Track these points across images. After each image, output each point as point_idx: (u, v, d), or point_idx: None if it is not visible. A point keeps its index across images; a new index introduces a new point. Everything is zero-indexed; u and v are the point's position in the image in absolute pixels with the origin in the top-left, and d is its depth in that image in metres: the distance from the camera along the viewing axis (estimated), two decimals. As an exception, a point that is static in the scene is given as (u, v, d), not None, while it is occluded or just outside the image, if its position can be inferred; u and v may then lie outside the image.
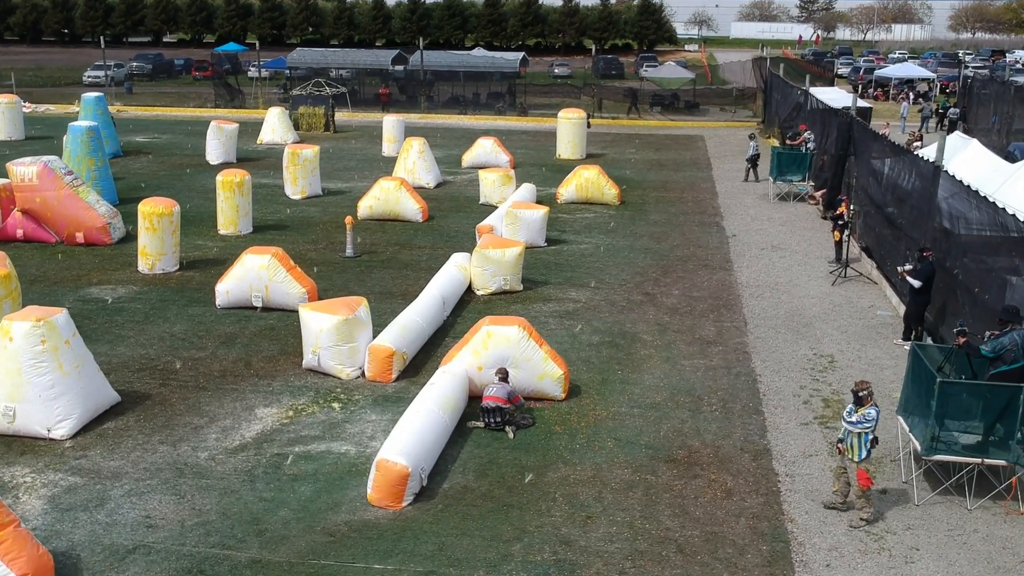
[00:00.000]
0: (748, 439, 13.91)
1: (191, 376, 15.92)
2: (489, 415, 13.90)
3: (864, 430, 11.51)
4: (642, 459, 13.23)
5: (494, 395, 14.06)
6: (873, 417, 11.51)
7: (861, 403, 11.58)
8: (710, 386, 15.73)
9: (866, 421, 11.51)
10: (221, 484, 12.42)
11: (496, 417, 13.87)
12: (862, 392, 11.62)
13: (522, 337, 14.78)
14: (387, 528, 11.45)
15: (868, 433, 11.49)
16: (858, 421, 11.53)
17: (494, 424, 13.87)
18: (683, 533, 11.43)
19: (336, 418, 14.44)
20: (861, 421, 11.51)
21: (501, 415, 13.88)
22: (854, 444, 11.63)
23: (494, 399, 14.02)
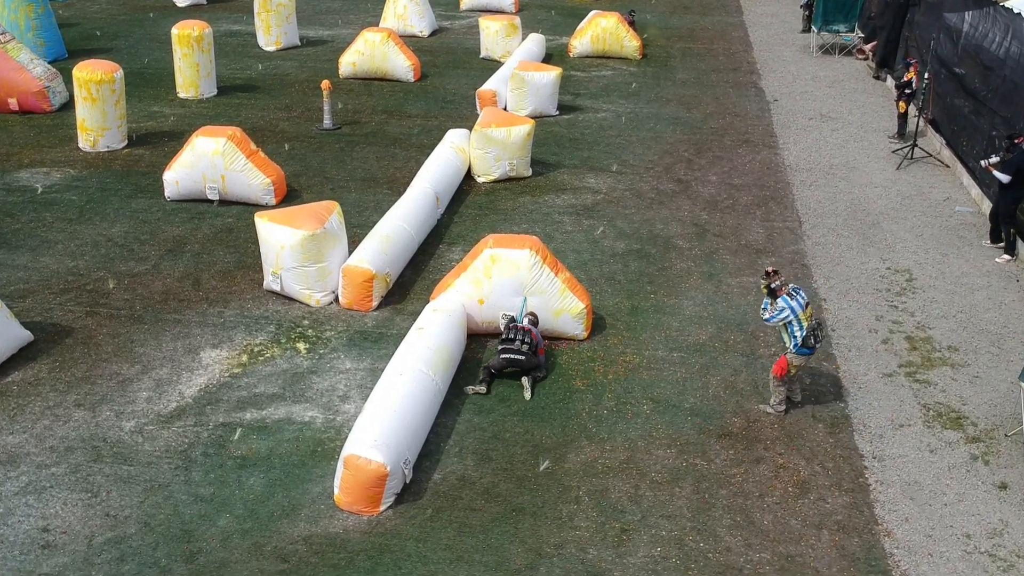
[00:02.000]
0: (820, 399, 11.00)
1: (126, 301, 12.88)
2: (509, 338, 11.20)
3: (782, 323, 10.37)
4: (688, 432, 10.36)
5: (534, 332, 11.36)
6: (783, 307, 10.28)
7: (774, 295, 10.37)
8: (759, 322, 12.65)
9: (777, 314, 10.32)
10: (147, 474, 9.60)
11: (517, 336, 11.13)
12: (774, 284, 10.38)
13: (534, 263, 11.65)
14: (358, 548, 8.69)
15: (793, 324, 10.30)
16: (769, 317, 10.43)
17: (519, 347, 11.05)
18: (749, 557, 8.67)
19: (300, 366, 11.49)
20: (773, 317, 10.37)
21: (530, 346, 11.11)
22: (783, 334, 10.54)
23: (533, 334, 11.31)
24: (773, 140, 19.92)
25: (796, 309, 10.28)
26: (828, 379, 11.39)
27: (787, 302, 10.29)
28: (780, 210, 16.32)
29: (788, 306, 10.27)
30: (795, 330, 10.31)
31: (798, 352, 10.40)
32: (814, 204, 16.65)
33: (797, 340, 10.34)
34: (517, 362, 10.92)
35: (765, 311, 10.46)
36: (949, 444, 10.28)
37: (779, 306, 10.30)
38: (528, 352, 10.96)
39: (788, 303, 10.28)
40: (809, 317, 10.39)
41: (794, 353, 10.42)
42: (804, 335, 10.32)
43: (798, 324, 10.28)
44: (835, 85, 24.27)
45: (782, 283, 10.39)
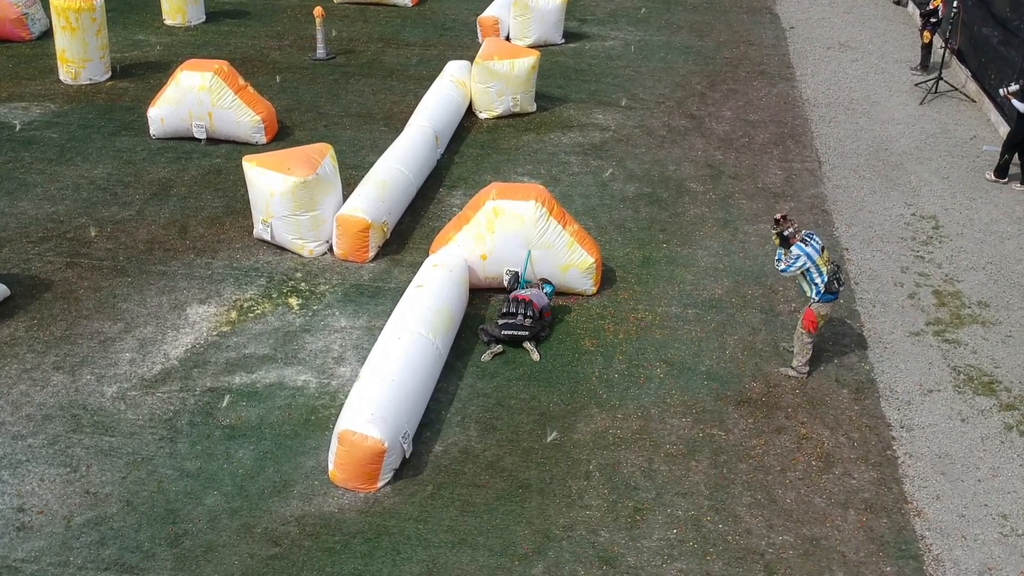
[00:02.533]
0: (843, 361, 10.37)
1: (108, 251, 12.17)
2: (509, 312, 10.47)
3: (800, 271, 9.70)
4: (704, 398, 9.76)
5: (522, 294, 10.64)
6: (798, 255, 9.60)
7: (787, 243, 9.70)
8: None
9: (793, 263, 9.65)
10: (130, 445, 9.02)
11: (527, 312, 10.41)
12: (787, 231, 9.68)
13: (540, 216, 10.89)
14: (354, 530, 8.15)
15: (812, 272, 9.66)
16: (785, 268, 9.74)
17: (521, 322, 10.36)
18: (771, 540, 8.13)
19: (293, 324, 10.84)
20: (789, 267, 9.70)
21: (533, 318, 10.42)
22: (803, 284, 9.85)
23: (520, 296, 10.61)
24: (790, 72, 18.94)
25: (812, 255, 9.61)
26: (852, 338, 10.74)
27: (802, 249, 9.61)
28: (798, 149, 15.47)
29: (804, 253, 9.59)
30: (815, 277, 9.67)
31: (822, 300, 9.75)
32: (834, 143, 15.79)
33: (819, 287, 9.69)
34: (521, 338, 10.30)
35: (780, 262, 9.76)
36: (982, 412, 9.68)
37: (794, 254, 9.62)
38: (531, 324, 10.33)
39: (803, 250, 9.60)
40: (827, 261, 9.74)
41: (819, 302, 9.77)
42: (826, 280, 9.68)
43: (817, 270, 9.63)
44: (853, 11, 23.12)
45: (795, 230, 9.69)
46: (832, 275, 9.74)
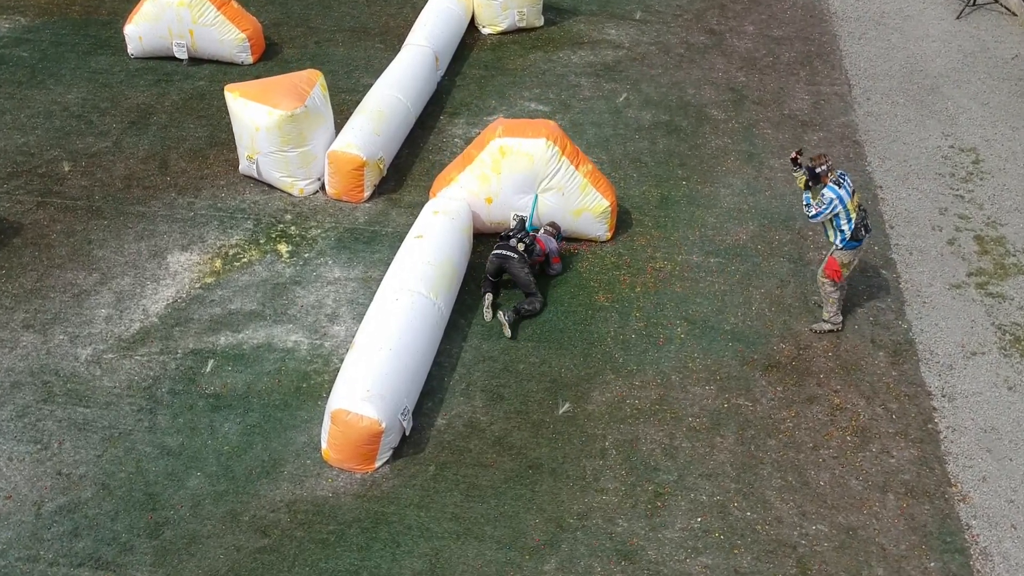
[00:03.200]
0: (878, 317, 9.56)
1: (83, 188, 11.24)
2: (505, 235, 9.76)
3: (831, 216, 8.83)
4: (729, 362, 8.99)
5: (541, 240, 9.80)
6: (831, 199, 8.72)
7: (817, 180, 8.82)
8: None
9: (826, 208, 8.77)
10: (106, 418, 8.30)
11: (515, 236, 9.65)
12: (819, 168, 8.82)
13: (552, 155, 9.92)
14: (350, 518, 7.49)
15: (840, 217, 8.81)
16: (817, 214, 8.83)
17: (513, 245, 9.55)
18: (804, 529, 7.47)
19: (282, 274, 10.00)
20: (821, 212, 8.80)
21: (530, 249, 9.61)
22: (827, 229, 9.01)
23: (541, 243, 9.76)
24: (816, -20, 17.53)
25: (844, 198, 8.77)
26: (888, 291, 9.90)
27: (835, 191, 8.73)
28: (827, 70, 14.32)
29: (836, 195, 8.73)
30: (842, 223, 8.84)
31: (846, 247, 8.95)
32: (864, 63, 14.62)
33: (845, 234, 8.88)
34: (507, 261, 9.38)
35: (809, 207, 8.85)
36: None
37: (827, 198, 8.74)
38: (522, 253, 9.45)
39: (836, 192, 8.73)
40: (856, 207, 8.89)
41: (842, 249, 8.97)
42: (853, 228, 8.86)
43: (846, 215, 8.80)
44: (885, -91, 21.42)
45: (828, 167, 8.78)
46: (860, 222, 8.91)
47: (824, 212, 8.79)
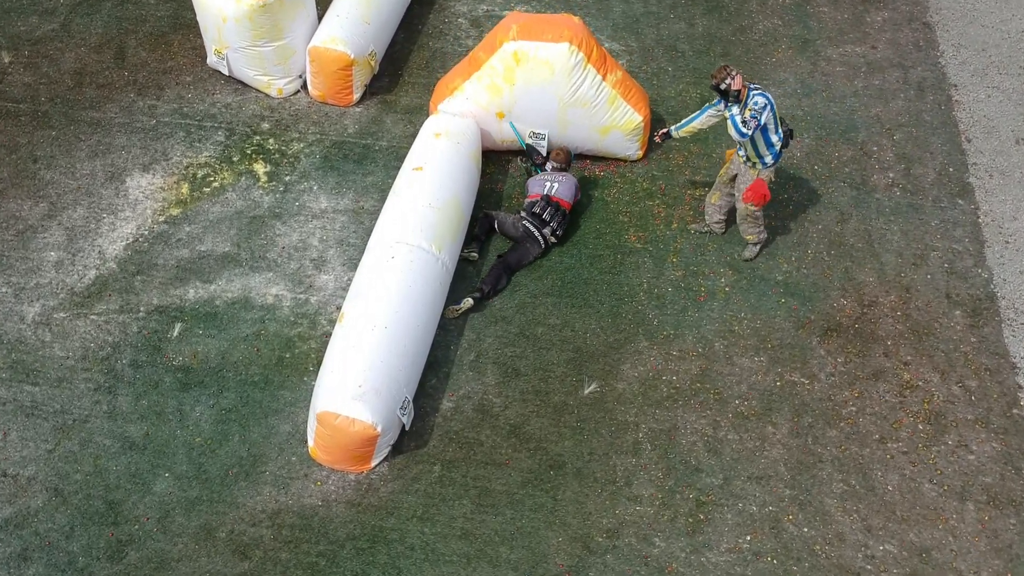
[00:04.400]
0: (954, 263, 8.21)
1: (27, 87, 9.61)
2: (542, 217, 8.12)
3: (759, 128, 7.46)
4: (782, 324, 7.72)
5: (559, 196, 8.21)
6: (764, 104, 7.37)
7: (737, 99, 7.39)
8: (877, 114, 9.47)
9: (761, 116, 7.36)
10: (58, 400, 7.14)
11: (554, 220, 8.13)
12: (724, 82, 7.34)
13: (576, 63, 8.26)
14: (343, 535, 6.45)
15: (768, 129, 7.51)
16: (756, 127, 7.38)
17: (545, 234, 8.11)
18: (868, 551, 6.44)
19: (260, 204, 8.58)
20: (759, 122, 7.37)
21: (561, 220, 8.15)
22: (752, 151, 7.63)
23: (560, 200, 8.20)
24: None
25: (774, 103, 7.44)
26: (965, 227, 8.49)
27: (765, 96, 7.39)
28: (893, -75, 12.18)
29: (768, 100, 7.39)
30: (771, 135, 7.53)
31: (775, 162, 7.71)
32: (938, -87, 12.45)
33: (775, 148, 7.61)
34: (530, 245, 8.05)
35: (743, 124, 7.34)
36: None
37: (759, 104, 7.35)
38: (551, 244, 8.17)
39: (766, 97, 7.39)
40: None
41: (770, 167, 7.72)
42: (783, 139, 7.61)
43: (775, 125, 7.51)
44: None
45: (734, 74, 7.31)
46: (788, 131, 7.67)
47: (760, 121, 7.37)
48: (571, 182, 8.27)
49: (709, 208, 8.18)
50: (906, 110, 9.52)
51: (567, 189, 8.19)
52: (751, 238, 8.08)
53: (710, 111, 7.78)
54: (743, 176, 7.80)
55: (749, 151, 7.63)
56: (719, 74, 7.35)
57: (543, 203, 8.07)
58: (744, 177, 7.78)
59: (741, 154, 7.74)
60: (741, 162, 7.78)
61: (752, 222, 7.98)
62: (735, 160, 7.87)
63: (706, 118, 7.83)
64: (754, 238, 8.09)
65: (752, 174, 7.72)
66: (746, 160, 7.70)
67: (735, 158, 7.87)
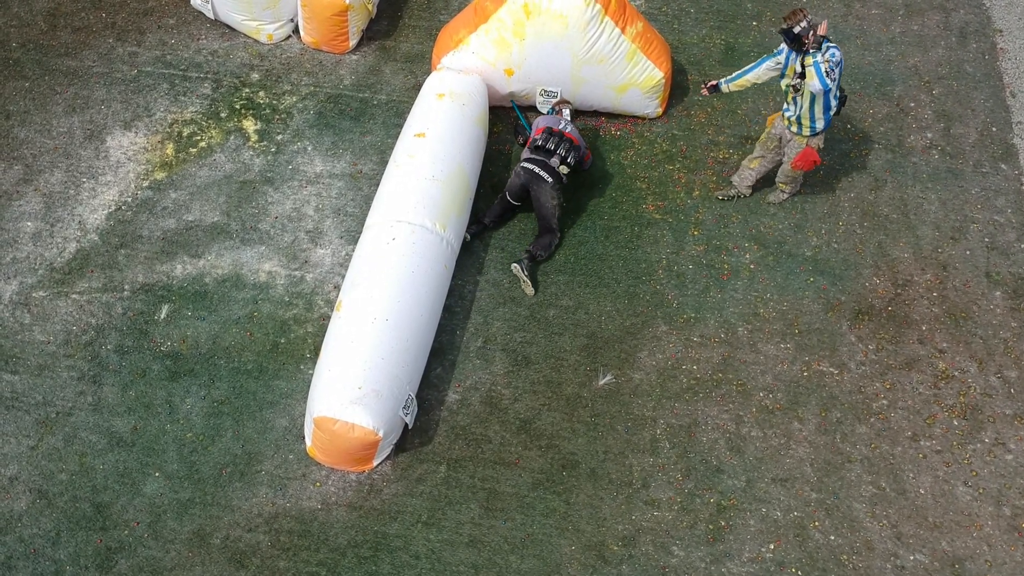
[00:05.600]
0: (995, 237, 7.67)
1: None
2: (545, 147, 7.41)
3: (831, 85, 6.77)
4: (810, 306, 7.24)
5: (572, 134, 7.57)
6: (840, 58, 6.74)
7: (800, 43, 6.70)
8: (915, 64, 8.78)
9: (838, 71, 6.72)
10: (39, 390, 6.72)
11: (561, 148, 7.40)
12: (799, 25, 6.65)
13: (592, 17, 7.56)
14: (344, 542, 6.11)
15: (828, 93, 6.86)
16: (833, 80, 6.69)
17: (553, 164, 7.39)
18: (899, 560, 6.11)
19: (251, 167, 8.00)
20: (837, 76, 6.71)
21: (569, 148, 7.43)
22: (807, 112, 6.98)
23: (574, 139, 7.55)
24: None
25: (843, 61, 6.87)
26: (1007, 197, 7.92)
27: (839, 52, 6.76)
28: None
29: (840, 59, 6.77)
30: (831, 99, 6.95)
31: (825, 128, 7.15)
32: None
33: (830, 114, 7.04)
34: (539, 184, 7.31)
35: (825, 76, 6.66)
36: None
37: (836, 58, 6.73)
38: (563, 176, 7.40)
39: (840, 53, 6.77)
40: None
41: (821, 135, 7.16)
42: (839, 103, 7.06)
43: (837, 86, 6.92)
44: None
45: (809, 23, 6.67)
46: (843, 95, 7.11)
47: (838, 76, 6.76)
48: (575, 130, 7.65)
49: (746, 172, 7.60)
50: (946, 60, 8.83)
51: (577, 133, 7.60)
52: (785, 187, 7.61)
53: (769, 62, 7.12)
54: (791, 143, 7.21)
55: (803, 113, 7.01)
56: (793, 17, 6.67)
57: (546, 134, 7.43)
58: (792, 143, 7.20)
59: (789, 115, 7.11)
60: (786, 126, 7.17)
61: (792, 183, 7.54)
62: (778, 123, 7.27)
63: (763, 71, 7.16)
64: (789, 189, 7.61)
65: (800, 141, 7.15)
66: (797, 122, 7.08)
67: (778, 121, 7.27)
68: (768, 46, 8.90)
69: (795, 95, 6.97)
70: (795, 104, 7.03)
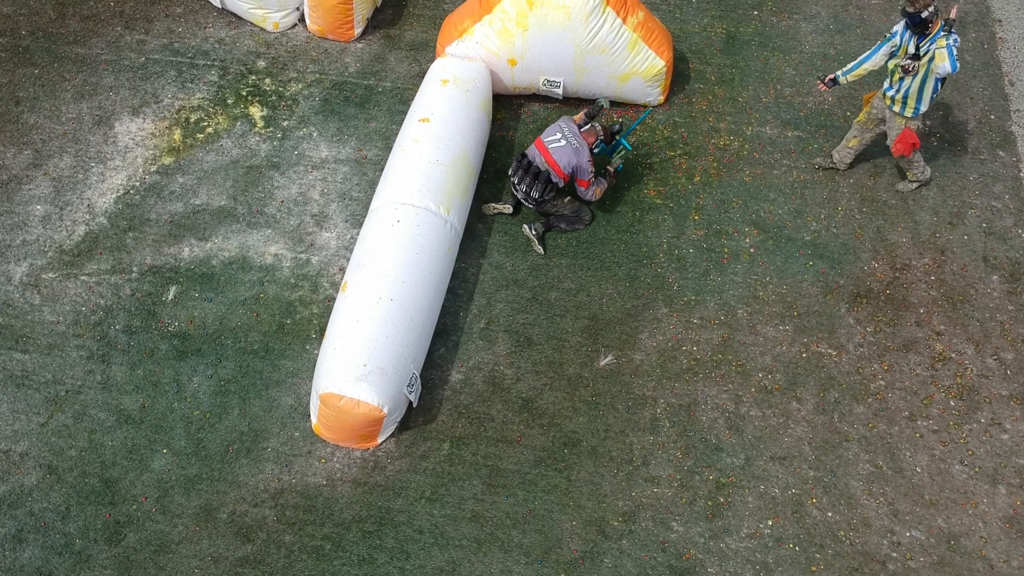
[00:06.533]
0: (992, 222, 7.77)
1: (6, 19, 9.05)
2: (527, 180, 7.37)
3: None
4: (809, 289, 7.33)
5: (554, 158, 7.28)
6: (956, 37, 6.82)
7: (924, 27, 6.78)
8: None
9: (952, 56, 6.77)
10: (49, 369, 6.83)
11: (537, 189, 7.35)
12: (926, 10, 6.72)
13: (594, 8, 7.66)
14: (348, 517, 6.21)
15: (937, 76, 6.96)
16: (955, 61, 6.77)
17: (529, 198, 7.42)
18: (895, 536, 6.20)
19: (257, 153, 8.11)
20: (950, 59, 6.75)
21: (546, 189, 7.36)
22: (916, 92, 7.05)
23: (554, 165, 7.30)
24: None
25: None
26: (1005, 183, 8.01)
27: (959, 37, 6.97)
28: None
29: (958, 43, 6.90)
30: (938, 84, 7.04)
31: (927, 109, 7.26)
32: None
33: (936, 95, 7.12)
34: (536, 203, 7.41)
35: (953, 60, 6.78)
36: None
37: (958, 42, 6.88)
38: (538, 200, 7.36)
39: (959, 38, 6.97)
40: None
41: (919, 117, 7.27)
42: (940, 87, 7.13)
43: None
44: None
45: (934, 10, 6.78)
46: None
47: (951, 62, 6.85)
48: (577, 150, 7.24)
49: (845, 151, 7.77)
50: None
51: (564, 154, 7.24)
52: (910, 175, 7.74)
53: (885, 48, 7.14)
54: (891, 123, 7.33)
55: (911, 93, 7.09)
56: (921, 1, 6.72)
57: (516, 162, 7.34)
58: (892, 124, 7.31)
59: (891, 95, 7.19)
60: (887, 105, 7.27)
61: (907, 164, 7.63)
62: (877, 103, 7.38)
63: (880, 56, 7.18)
64: (913, 176, 7.72)
65: (899, 123, 7.25)
66: (902, 101, 7.15)
67: (876, 100, 7.38)
68: (769, 34, 9.02)
69: (903, 75, 7.00)
70: (900, 84, 7.08)
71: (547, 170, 7.27)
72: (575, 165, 7.22)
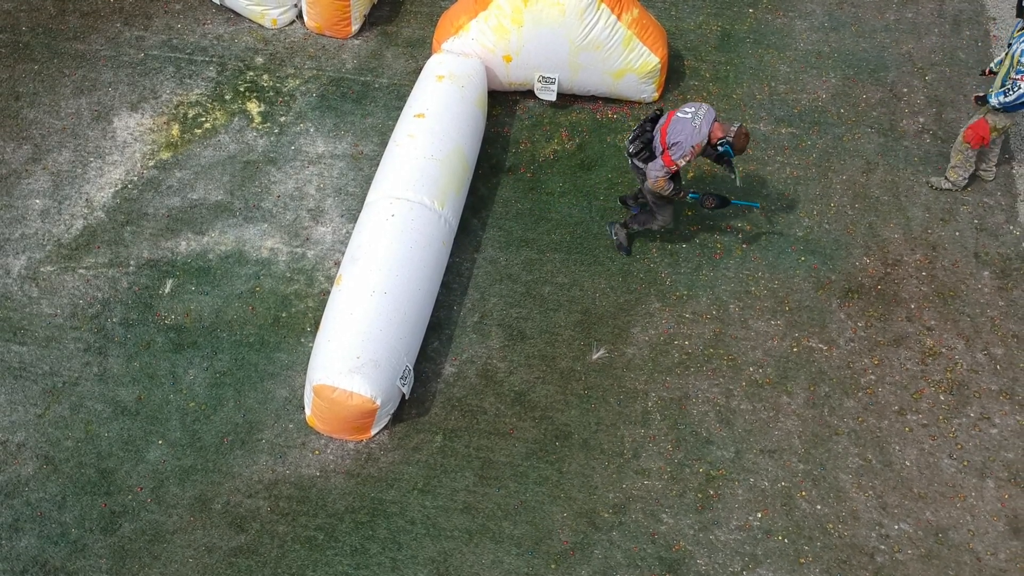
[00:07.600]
0: (984, 219, 7.81)
1: (6, 15, 9.12)
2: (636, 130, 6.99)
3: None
4: (801, 284, 7.38)
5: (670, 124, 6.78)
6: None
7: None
8: (909, 51, 8.92)
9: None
10: (46, 361, 6.89)
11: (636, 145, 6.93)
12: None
13: (589, 3, 7.71)
14: (342, 508, 6.27)
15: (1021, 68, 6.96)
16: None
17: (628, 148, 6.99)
18: (883, 530, 6.24)
19: (254, 148, 8.17)
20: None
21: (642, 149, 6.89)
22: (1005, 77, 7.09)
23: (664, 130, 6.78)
24: None
25: None
26: (996, 180, 8.04)
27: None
28: None
29: None
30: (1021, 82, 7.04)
31: (1007, 109, 7.22)
32: None
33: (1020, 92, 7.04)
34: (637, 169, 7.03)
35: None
36: None
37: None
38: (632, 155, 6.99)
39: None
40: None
41: (1000, 111, 7.26)
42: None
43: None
44: None
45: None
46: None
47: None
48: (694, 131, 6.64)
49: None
50: (940, 47, 8.96)
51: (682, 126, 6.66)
52: (950, 174, 7.75)
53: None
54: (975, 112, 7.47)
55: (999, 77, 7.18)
56: None
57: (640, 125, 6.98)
58: (976, 111, 7.43)
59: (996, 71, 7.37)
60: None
61: (956, 155, 7.64)
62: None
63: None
64: (953, 175, 7.74)
65: (981, 110, 7.33)
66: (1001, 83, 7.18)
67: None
68: (764, 32, 9.07)
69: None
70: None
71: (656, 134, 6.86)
72: (679, 140, 6.63)
